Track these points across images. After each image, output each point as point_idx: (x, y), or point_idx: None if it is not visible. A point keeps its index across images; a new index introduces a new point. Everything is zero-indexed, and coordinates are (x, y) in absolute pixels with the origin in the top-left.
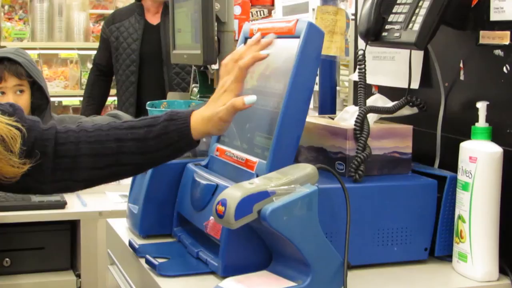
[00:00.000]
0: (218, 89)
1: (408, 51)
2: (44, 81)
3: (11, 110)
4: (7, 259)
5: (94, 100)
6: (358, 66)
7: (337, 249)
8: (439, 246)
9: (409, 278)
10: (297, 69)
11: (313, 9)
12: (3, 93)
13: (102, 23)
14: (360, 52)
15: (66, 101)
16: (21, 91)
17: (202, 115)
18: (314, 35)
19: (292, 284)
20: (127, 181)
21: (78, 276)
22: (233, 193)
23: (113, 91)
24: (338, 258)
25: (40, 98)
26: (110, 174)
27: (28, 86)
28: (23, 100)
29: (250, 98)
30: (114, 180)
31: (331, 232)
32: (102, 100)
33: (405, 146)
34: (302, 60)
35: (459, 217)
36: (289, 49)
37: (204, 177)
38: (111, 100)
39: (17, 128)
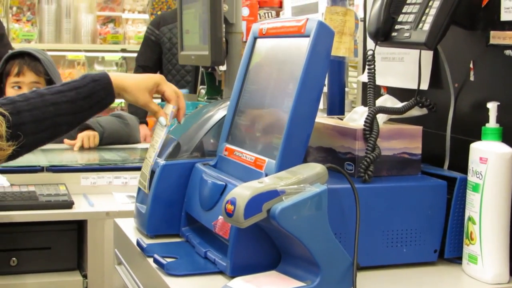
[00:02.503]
0: None
1: (418, 51)
2: (60, 81)
3: None
4: (14, 258)
5: None
6: (367, 66)
7: (346, 249)
8: (448, 248)
9: (418, 280)
10: (307, 68)
11: (322, 14)
12: (19, 87)
13: (109, 25)
14: (370, 53)
15: None
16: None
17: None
18: (324, 34)
19: (301, 284)
20: (134, 182)
21: (85, 276)
22: (243, 192)
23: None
24: (348, 258)
25: None
26: (50, 135)
27: (45, 84)
28: None
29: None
30: (51, 141)
31: (340, 233)
32: None
33: (415, 147)
34: (312, 59)
35: (469, 218)
36: (299, 48)
37: (213, 177)
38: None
39: (1, 114)
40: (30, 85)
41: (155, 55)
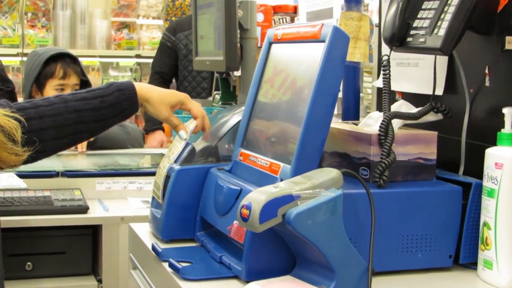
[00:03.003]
0: None
1: (433, 57)
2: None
3: (5, 105)
4: (29, 263)
5: None
6: (382, 72)
7: (361, 254)
8: (464, 253)
9: (433, 286)
10: (322, 73)
11: (337, 19)
12: (62, 89)
13: (124, 31)
14: (385, 58)
15: None
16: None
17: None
18: (339, 40)
19: None
20: (149, 187)
21: (100, 281)
22: (258, 197)
23: None
24: (363, 263)
25: None
26: (70, 142)
27: (79, 86)
28: None
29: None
30: (70, 147)
31: (355, 238)
32: None
33: (430, 152)
34: (327, 64)
35: (485, 224)
36: (314, 53)
37: (228, 182)
38: None
39: (16, 119)
40: (73, 87)
41: (171, 61)
